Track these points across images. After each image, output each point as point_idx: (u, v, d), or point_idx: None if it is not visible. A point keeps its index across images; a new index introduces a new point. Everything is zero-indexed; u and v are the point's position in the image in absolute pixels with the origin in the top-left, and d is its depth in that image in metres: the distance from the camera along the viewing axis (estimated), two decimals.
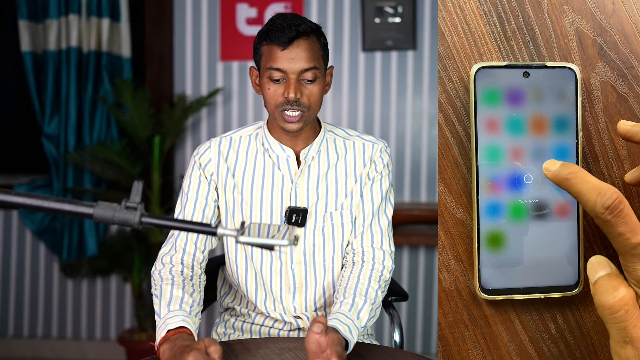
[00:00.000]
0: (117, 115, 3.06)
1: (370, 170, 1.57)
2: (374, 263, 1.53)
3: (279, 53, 1.45)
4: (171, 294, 1.39)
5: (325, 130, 1.58)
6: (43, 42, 3.18)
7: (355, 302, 1.43)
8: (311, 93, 1.47)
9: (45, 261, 3.34)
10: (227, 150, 1.55)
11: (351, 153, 1.57)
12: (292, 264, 1.54)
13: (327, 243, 1.55)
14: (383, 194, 1.58)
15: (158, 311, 1.38)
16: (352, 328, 1.36)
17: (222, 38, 3.21)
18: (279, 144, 1.54)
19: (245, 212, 1.52)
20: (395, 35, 3.11)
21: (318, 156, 1.55)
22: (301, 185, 1.53)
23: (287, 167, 1.53)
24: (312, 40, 1.47)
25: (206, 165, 1.54)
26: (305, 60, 1.45)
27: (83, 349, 3.33)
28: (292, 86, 1.44)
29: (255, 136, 1.57)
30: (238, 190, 1.53)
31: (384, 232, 1.57)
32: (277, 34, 1.45)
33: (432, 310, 3.21)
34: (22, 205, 0.72)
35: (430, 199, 3.19)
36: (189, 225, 0.80)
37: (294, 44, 1.44)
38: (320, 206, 1.53)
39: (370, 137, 1.61)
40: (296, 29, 1.44)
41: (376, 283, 1.49)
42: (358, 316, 1.41)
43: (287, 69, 1.44)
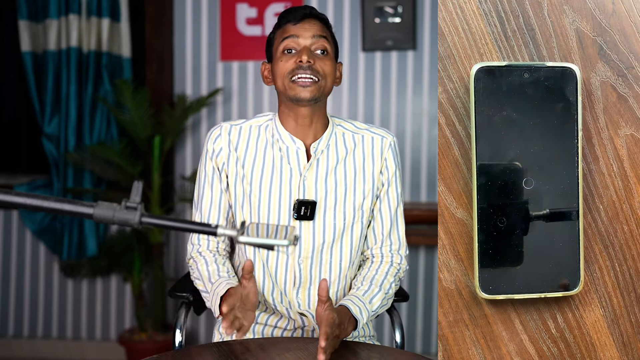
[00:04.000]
0: (117, 115, 3.06)
1: (383, 170, 1.58)
2: (391, 263, 1.59)
3: (292, 26, 1.50)
4: (208, 271, 1.53)
5: (333, 124, 1.58)
6: (43, 42, 3.18)
7: (371, 289, 1.52)
8: (324, 64, 1.49)
9: (45, 261, 3.34)
10: (237, 139, 1.56)
11: (360, 147, 1.58)
12: (299, 258, 1.54)
13: (337, 241, 1.54)
14: (398, 197, 1.60)
15: (204, 289, 1.52)
16: (363, 310, 1.46)
17: (222, 38, 3.21)
18: (289, 135, 1.54)
19: (253, 204, 1.53)
20: (395, 35, 3.11)
21: (327, 150, 1.55)
22: (310, 179, 1.53)
23: (297, 160, 1.54)
24: (324, 23, 1.54)
25: (218, 155, 1.55)
26: (317, 29, 1.50)
27: (83, 349, 3.33)
28: (304, 51, 1.47)
29: (265, 127, 1.57)
30: (247, 181, 1.54)
31: (402, 238, 1.62)
32: (290, 14, 1.52)
33: (432, 310, 3.21)
34: (22, 205, 0.72)
35: (430, 199, 3.19)
36: (189, 225, 0.80)
37: (306, 19, 1.50)
38: (330, 200, 1.53)
39: (379, 129, 1.61)
40: (310, 10, 1.52)
41: (392, 277, 1.57)
42: (370, 301, 1.49)
43: (300, 35, 1.49)
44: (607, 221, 0.67)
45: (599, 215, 0.67)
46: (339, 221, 1.54)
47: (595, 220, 0.67)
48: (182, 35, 3.25)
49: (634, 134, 0.66)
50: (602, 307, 0.68)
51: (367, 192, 1.56)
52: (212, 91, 3.13)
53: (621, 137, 0.66)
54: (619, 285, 0.68)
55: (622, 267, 0.68)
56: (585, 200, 0.67)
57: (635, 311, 0.68)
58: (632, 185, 0.67)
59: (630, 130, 0.66)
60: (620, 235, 0.67)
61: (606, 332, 0.67)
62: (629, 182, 0.67)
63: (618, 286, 0.68)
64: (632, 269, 0.68)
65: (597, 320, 0.67)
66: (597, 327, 0.67)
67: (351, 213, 1.55)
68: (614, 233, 0.67)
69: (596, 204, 0.67)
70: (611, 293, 0.68)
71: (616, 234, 0.67)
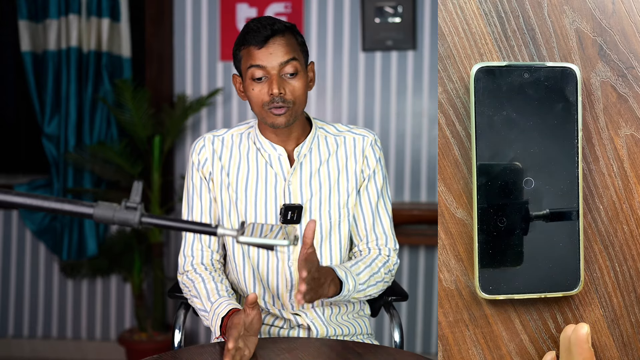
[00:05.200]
0: (117, 115, 3.06)
1: (364, 167, 1.58)
2: (379, 253, 1.60)
3: (257, 52, 1.48)
4: (206, 289, 1.51)
5: (316, 127, 1.60)
6: (43, 42, 3.18)
7: (357, 265, 1.53)
8: (294, 88, 1.49)
9: (45, 261, 3.34)
10: (221, 149, 1.58)
11: (342, 149, 1.59)
12: (289, 261, 1.55)
13: (325, 240, 1.56)
14: (378, 191, 1.60)
15: (202, 307, 1.49)
16: (349, 276, 1.47)
17: (222, 38, 3.21)
18: (269, 143, 1.56)
19: (240, 210, 1.55)
20: (395, 35, 3.11)
21: (310, 153, 1.57)
22: (294, 183, 1.55)
23: (280, 165, 1.56)
24: (288, 37, 1.51)
25: (204, 165, 1.57)
26: (283, 53, 1.48)
27: (83, 349, 3.33)
28: (274, 81, 1.47)
29: (247, 135, 1.60)
30: (232, 189, 1.56)
31: (387, 231, 1.61)
32: (252, 35, 1.49)
33: (432, 310, 3.21)
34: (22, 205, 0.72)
35: (430, 199, 3.19)
36: (189, 225, 0.80)
37: (270, 41, 1.48)
38: (315, 202, 1.55)
39: (360, 129, 1.62)
40: (271, 28, 1.48)
41: (381, 262, 1.58)
42: (358, 274, 1.50)
43: (267, 64, 1.48)
44: (607, 221, 0.67)
45: (599, 215, 0.67)
46: (325, 221, 1.55)
47: (595, 220, 0.67)
48: (182, 35, 3.25)
49: (634, 134, 0.66)
50: (602, 307, 0.68)
51: (350, 190, 1.57)
52: (212, 91, 3.13)
53: (621, 137, 0.66)
54: (619, 285, 0.68)
55: (622, 267, 0.68)
56: (585, 200, 0.67)
57: (635, 311, 0.68)
58: (632, 185, 0.67)
59: (630, 130, 0.66)
60: (620, 235, 0.67)
61: (606, 332, 0.68)
62: (629, 182, 0.67)
63: (618, 286, 0.68)
64: (632, 269, 0.68)
65: (597, 320, 0.67)
66: (597, 327, 0.67)
67: (336, 212, 1.56)
68: (614, 233, 0.67)
69: (596, 204, 0.67)
70: (611, 293, 0.68)
71: (616, 234, 0.67)
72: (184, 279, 1.57)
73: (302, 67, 1.52)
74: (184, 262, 1.59)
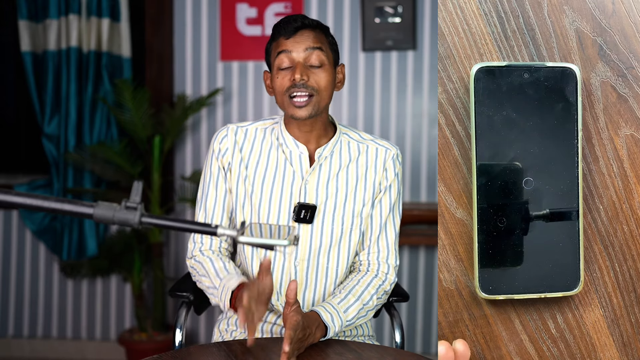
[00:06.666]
0: (117, 115, 3.06)
1: (382, 180, 1.58)
2: (377, 274, 1.57)
3: (285, 40, 1.50)
4: (214, 267, 1.52)
5: (340, 132, 1.60)
6: (43, 42, 3.18)
7: (347, 298, 1.49)
8: (319, 78, 1.49)
9: (45, 261, 3.34)
10: (243, 140, 1.58)
11: (364, 157, 1.58)
12: (296, 260, 1.55)
13: (334, 246, 1.55)
14: (390, 205, 1.59)
15: (211, 285, 1.50)
16: (335, 318, 1.44)
17: (222, 38, 3.21)
18: (292, 140, 1.56)
19: (254, 204, 1.55)
20: (395, 35, 3.11)
21: (331, 156, 1.57)
22: (311, 183, 1.54)
23: (299, 164, 1.56)
24: (318, 32, 1.52)
25: (224, 154, 1.57)
26: (310, 41, 1.49)
27: (83, 349, 3.33)
28: (298, 68, 1.47)
29: (271, 130, 1.60)
30: (249, 182, 1.56)
31: (391, 246, 1.60)
32: (283, 26, 1.51)
33: (432, 310, 3.21)
34: (22, 205, 0.73)
35: (430, 199, 3.19)
36: (189, 225, 0.80)
37: (299, 32, 1.49)
38: (329, 206, 1.54)
39: (385, 142, 1.62)
40: (302, 21, 1.50)
41: (374, 289, 1.54)
42: (346, 310, 1.47)
43: (292, 50, 1.48)
44: (607, 221, 0.67)
45: (599, 215, 0.67)
46: (337, 226, 1.55)
47: (595, 220, 0.67)
48: (182, 35, 3.25)
49: (634, 134, 0.66)
50: (602, 307, 0.68)
51: (366, 200, 1.57)
52: (212, 91, 3.13)
53: (621, 137, 0.66)
54: (619, 286, 0.68)
55: (622, 267, 0.68)
56: (585, 200, 0.67)
57: (635, 311, 0.68)
58: (632, 185, 0.67)
59: (630, 130, 0.66)
60: (620, 235, 0.67)
61: (606, 332, 0.67)
62: (629, 182, 0.67)
63: (618, 286, 0.68)
64: (632, 269, 0.68)
65: (597, 321, 0.67)
66: (597, 327, 0.67)
67: (350, 219, 1.55)
68: (614, 233, 0.67)
69: (596, 204, 0.67)
70: (611, 293, 0.68)
71: (616, 234, 0.67)
72: (193, 262, 1.58)
73: (329, 62, 1.51)
74: (192, 247, 1.60)
